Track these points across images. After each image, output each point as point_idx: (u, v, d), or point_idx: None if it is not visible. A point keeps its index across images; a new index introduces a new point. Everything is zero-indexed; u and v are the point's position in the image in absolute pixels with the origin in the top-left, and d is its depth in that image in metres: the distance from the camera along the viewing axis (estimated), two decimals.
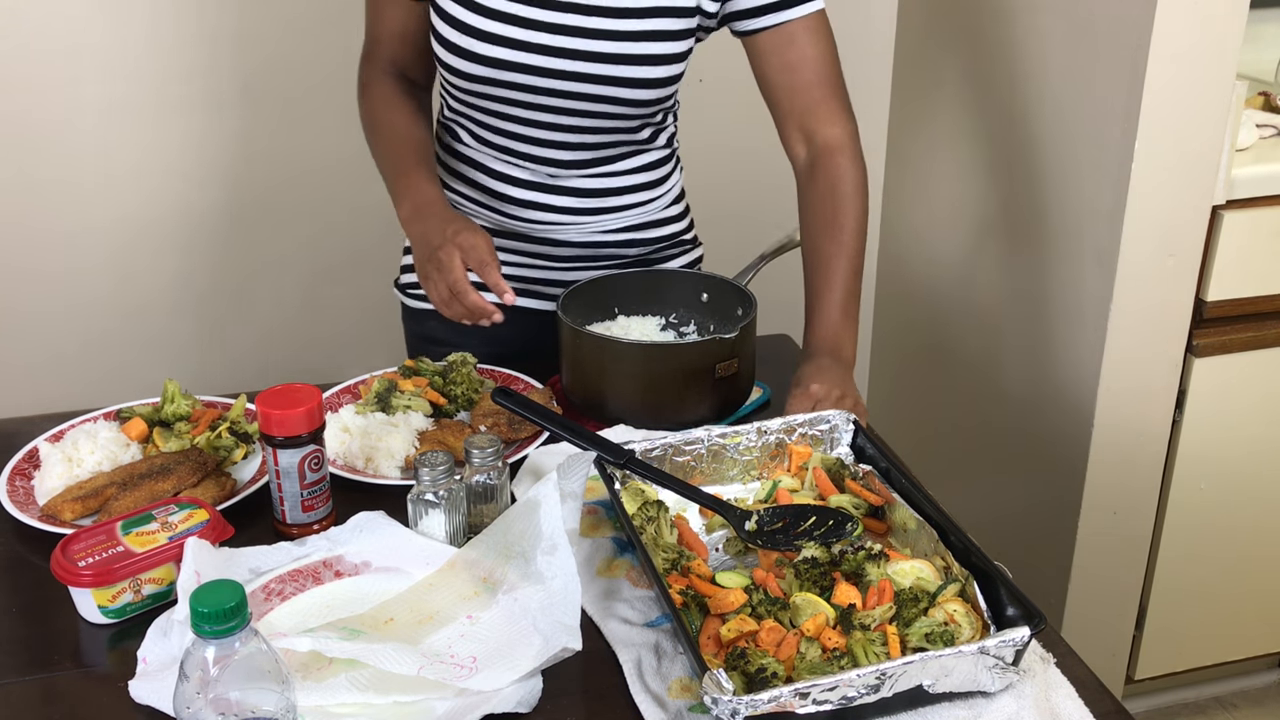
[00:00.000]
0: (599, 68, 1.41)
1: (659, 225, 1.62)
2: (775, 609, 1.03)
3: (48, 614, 1.12)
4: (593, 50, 1.40)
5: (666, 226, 1.63)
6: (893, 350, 2.67)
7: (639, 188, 1.57)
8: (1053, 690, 1.01)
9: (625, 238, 1.59)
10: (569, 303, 1.44)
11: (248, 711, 0.84)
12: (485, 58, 1.41)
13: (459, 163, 1.58)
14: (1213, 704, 2.31)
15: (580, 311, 1.47)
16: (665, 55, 1.42)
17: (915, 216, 2.44)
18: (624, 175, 1.55)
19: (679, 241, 1.66)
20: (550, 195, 1.53)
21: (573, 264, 1.59)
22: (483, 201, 1.57)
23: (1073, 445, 1.99)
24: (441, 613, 1.09)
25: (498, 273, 1.32)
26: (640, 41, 1.40)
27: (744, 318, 1.40)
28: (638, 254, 1.61)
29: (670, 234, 1.64)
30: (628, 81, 1.42)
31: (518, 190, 1.54)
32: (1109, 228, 1.83)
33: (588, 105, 1.44)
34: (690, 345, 1.37)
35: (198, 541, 1.09)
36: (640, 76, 1.41)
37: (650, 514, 1.15)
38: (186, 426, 1.35)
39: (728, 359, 1.36)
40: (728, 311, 1.49)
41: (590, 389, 1.41)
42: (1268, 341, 1.96)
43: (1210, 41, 1.72)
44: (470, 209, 1.58)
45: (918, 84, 2.43)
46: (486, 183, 1.55)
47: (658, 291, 1.54)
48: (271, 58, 2.19)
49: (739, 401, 1.42)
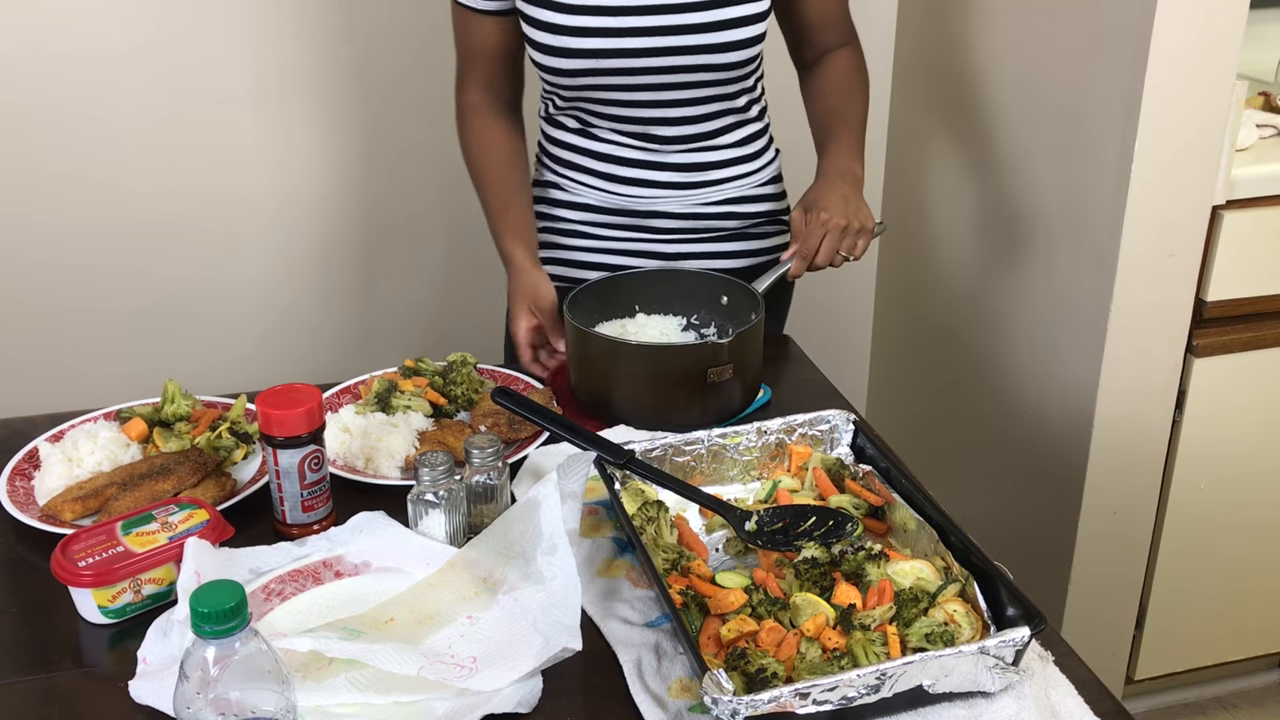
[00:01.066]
0: (687, 38, 1.47)
1: (756, 201, 1.67)
2: (775, 609, 1.03)
3: (48, 614, 1.12)
4: (678, 24, 1.46)
5: (764, 203, 1.68)
6: (893, 350, 2.67)
7: (736, 161, 1.64)
8: (1053, 690, 1.01)
9: (724, 210, 1.65)
10: (579, 300, 1.45)
11: (248, 711, 0.84)
12: (579, 51, 1.48)
13: (565, 150, 1.65)
14: (1213, 704, 2.31)
15: (595, 308, 1.48)
16: (747, 16, 1.48)
17: (915, 216, 2.44)
18: (722, 149, 1.62)
19: (776, 219, 1.71)
20: (653, 171, 1.60)
21: (673, 236, 1.65)
22: (587, 182, 1.64)
23: (1073, 445, 1.99)
24: (441, 613, 1.09)
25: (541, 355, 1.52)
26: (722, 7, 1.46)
27: (747, 324, 1.40)
28: (736, 227, 1.67)
29: (767, 210, 1.69)
30: (717, 47, 1.48)
31: (623, 169, 1.60)
32: (1109, 228, 1.83)
33: (683, 76, 1.51)
34: (682, 349, 1.38)
35: (198, 542, 1.09)
36: (727, 40, 1.48)
37: (650, 514, 1.16)
38: (186, 426, 1.35)
39: (722, 365, 1.35)
40: (745, 316, 1.48)
41: (593, 388, 1.41)
42: (1268, 341, 1.96)
43: (1210, 41, 1.72)
44: (576, 189, 1.65)
45: (918, 83, 2.43)
46: (593, 165, 1.62)
47: (681, 291, 1.55)
48: (277, 57, 2.19)
49: (733, 410, 1.41)
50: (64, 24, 2.08)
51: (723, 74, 1.52)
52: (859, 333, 2.73)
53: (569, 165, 1.65)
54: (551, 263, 1.68)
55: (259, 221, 2.31)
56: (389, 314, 2.43)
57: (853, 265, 1.63)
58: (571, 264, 1.69)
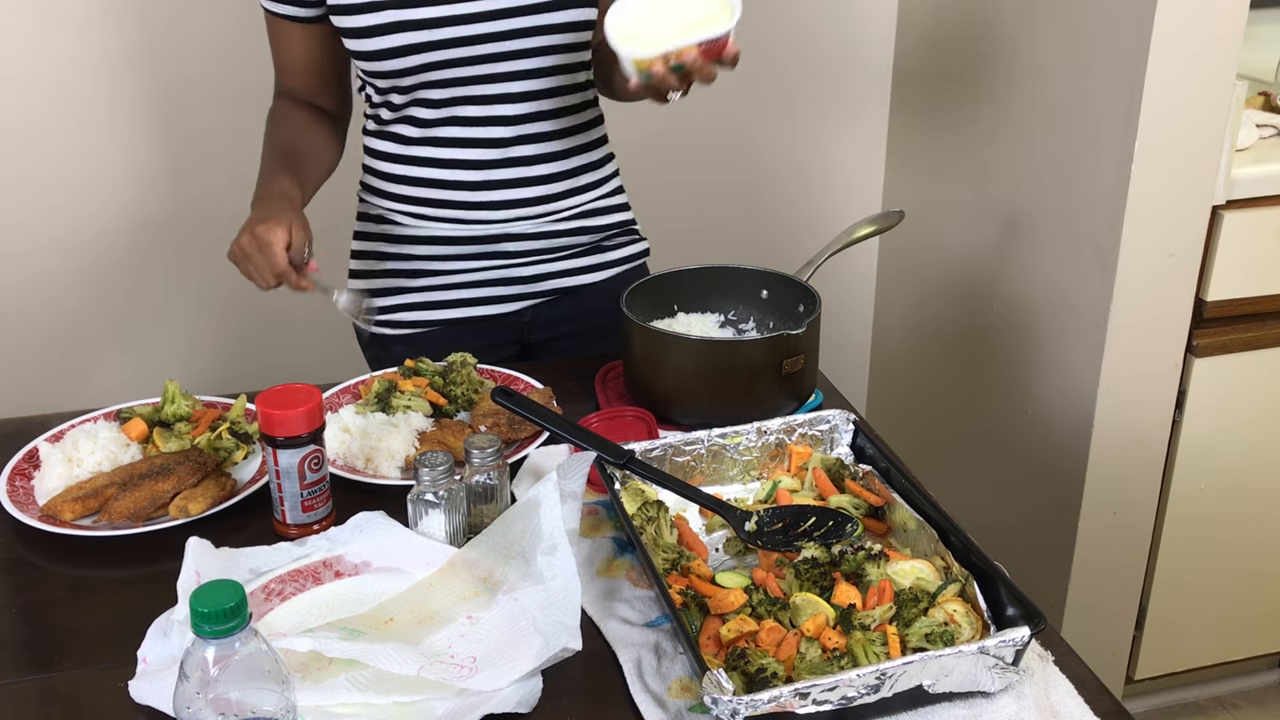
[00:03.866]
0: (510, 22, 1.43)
1: (605, 213, 1.64)
2: (775, 609, 1.03)
3: (48, 614, 1.12)
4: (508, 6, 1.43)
5: (613, 215, 1.65)
6: (893, 350, 2.67)
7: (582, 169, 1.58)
8: (1053, 690, 1.01)
9: (575, 225, 1.60)
10: (632, 300, 1.45)
11: (248, 711, 0.84)
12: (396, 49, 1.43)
13: (405, 166, 1.55)
14: (1213, 704, 2.31)
15: (641, 310, 1.46)
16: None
17: (915, 216, 2.44)
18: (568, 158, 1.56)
19: (626, 229, 1.68)
20: (503, 170, 1.53)
21: (527, 259, 1.60)
22: (435, 199, 1.55)
23: (1073, 445, 1.99)
24: (441, 613, 1.09)
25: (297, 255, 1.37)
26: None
27: (808, 314, 1.41)
28: (588, 242, 1.63)
29: (618, 222, 1.66)
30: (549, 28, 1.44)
31: (471, 173, 1.53)
32: (1109, 228, 1.83)
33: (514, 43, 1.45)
34: (757, 342, 1.37)
35: (198, 541, 1.09)
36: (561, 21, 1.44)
37: (650, 514, 1.16)
38: (186, 427, 1.35)
39: (794, 355, 1.36)
40: (788, 308, 1.49)
41: (655, 386, 1.40)
42: (1268, 341, 1.96)
43: (1210, 41, 1.72)
44: (423, 211, 1.57)
45: (918, 84, 2.43)
46: (438, 175, 1.54)
47: (718, 288, 1.54)
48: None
49: (804, 397, 1.42)
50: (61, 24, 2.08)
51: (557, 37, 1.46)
52: (859, 333, 2.74)
53: (402, 199, 1.57)
54: (402, 309, 1.60)
55: None
56: None
57: (852, 265, 1.63)
58: (417, 306, 1.61)
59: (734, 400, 1.37)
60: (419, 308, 1.61)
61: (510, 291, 1.62)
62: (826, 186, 2.57)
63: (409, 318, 1.62)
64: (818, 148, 2.53)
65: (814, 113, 2.51)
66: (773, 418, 1.30)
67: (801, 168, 2.54)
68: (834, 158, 2.56)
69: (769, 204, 2.55)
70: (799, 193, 2.56)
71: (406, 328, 1.62)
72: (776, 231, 2.54)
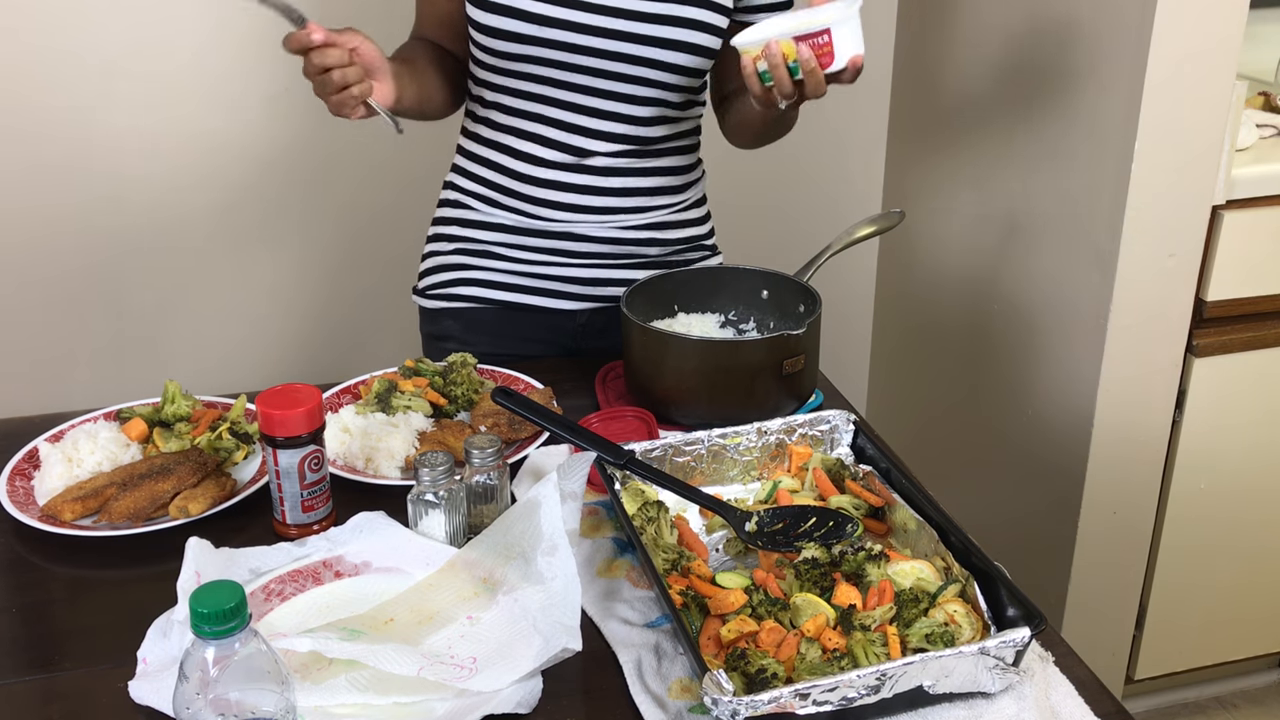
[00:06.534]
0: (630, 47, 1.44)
1: (680, 226, 1.63)
2: (775, 609, 1.03)
3: (48, 614, 1.12)
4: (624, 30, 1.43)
5: (688, 229, 1.64)
6: (893, 350, 2.67)
7: (664, 190, 1.59)
8: (1053, 690, 1.01)
9: (645, 236, 1.60)
10: (632, 299, 1.44)
11: (248, 712, 0.84)
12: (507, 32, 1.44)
13: (486, 149, 1.58)
14: (1213, 704, 2.31)
15: (641, 309, 1.47)
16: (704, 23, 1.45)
17: (915, 217, 2.44)
18: (650, 175, 1.57)
19: (699, 245, 1.66)
20: (574, 175, 1.54)
21: (591, 261, 1.60)
22: (506, 186, 1.57)
23: (1073, 445, 1.99)
24: (441, 613, 1.09)
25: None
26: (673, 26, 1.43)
27: (808, 314, 1.41)
28: (657, 254, 1.62)
29: (691, 236, 1.65)
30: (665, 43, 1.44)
31: (542, 170, 1.54)
32: (1109, 228, 1.83)
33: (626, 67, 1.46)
34: (758, 342, 1.37)
35: (198, 542, 1.09)
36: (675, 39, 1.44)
37: (650, 514, 1.15)
38: (187, 427, 1.35)
39: (794, 355, 1.36)
40: (788, 308, 1.49)
41: (656, 387, 1.40)
42: (1268, 341, 1.96)
43: (1210, 41, 1.72)
44: (493, 197, 1.59)
45: (917, 84, 2.43)
46: (510, 164, 1.56)
47: (719, 288, 1.54)
48: (282, 57, 2.19)
49: (804, 397, 1.42)
50: (60, 22, 2.08)
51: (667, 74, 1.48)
52: (859, 333, 2.74)
53: (476, 179, 1.60)
54: (462, 283, 1.63)
55: (258, 222, 2.31)
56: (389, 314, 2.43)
57: (852, 265, 1.63)
58: (475, 283, 1.63)
59: (734, 400, 1.37)
60: (477, 284, 1.63)
61: (568, 290, 1.61)
62: (826, 186, 2.57)
63: (465, 292, 1.63)
64: (818, 148, 2.53)
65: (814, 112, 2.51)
66: (773, 418, 1.30)
67: (801, 168, 2.54)
68: (834, 158, 2.56)
69: (769, 204, 2.55)
70: (799, 193, 2.56)
71: (461, 301, 1.63)
72: (776, 232, 2.54)
